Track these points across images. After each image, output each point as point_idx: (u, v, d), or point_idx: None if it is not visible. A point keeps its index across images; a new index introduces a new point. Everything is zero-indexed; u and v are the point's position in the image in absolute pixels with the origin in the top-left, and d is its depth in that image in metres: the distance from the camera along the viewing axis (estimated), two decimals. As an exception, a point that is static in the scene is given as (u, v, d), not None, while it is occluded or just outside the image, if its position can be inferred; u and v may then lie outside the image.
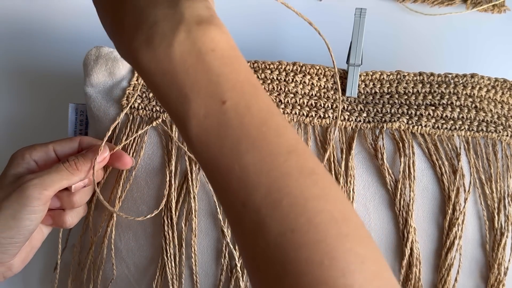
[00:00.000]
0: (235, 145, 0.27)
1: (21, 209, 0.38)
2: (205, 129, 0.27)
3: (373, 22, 0.56)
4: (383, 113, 0.48)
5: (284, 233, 0.25)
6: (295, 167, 0.27)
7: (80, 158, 0.42)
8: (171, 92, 0.28)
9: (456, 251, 0.45)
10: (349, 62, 0.50)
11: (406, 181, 0.45)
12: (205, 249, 0.46)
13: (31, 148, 0.43)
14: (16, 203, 0.38)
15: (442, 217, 0.45)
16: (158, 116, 0.47)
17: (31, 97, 0.61)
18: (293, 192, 0.26)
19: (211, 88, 0.27)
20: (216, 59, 0.28)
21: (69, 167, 0.41)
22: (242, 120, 0.27)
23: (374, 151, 0.46)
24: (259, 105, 0.28)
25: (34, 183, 0.39)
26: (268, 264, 0.26)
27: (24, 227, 0.39)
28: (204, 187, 0.46)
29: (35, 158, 0.43)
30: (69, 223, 0.44)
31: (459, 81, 0.49)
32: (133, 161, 0.47)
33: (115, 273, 0.47)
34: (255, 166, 0.27)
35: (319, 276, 0.24)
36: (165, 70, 0.28)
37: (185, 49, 0.27)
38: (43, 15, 0.63)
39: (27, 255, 0.43)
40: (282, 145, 0.27)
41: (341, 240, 0.25)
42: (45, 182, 0.39)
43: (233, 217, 0.28)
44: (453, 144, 0.47)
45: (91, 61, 0.49)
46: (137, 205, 0.47)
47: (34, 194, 0.39)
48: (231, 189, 0.27)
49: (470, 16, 0.64)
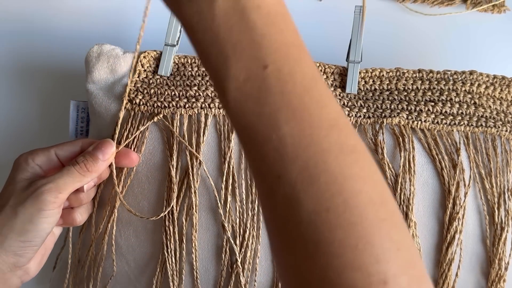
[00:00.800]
0: (274, 113, 0.26)
1: (38, 213, 0.39)
2: (244, 93, 0.26)
3: (373, 22, 0.57)
4: (383, 109, 0.48)
5: (319, 212, 0.24)
6: (336, 143, 0.25)
7: (88, 159, 0.43)
8: (212, 51, 0.26)
9: (457, 246, 0.45)
10: (349, 59, 0.50)
11: (406, 176, 0.45)
12: (205, 244, 0.46)
13: (33, 153, 0.44)
14: (32, 208, 0.39)
15: (442, 211, 0.45)
16: (159, 111, 0.48)
17: (33, 95, 0.62)
18: (331, 169, 0.25)
19: (254, 50, 0.26)
20: (261, 18, 0.26)
21: (80, 169, 0.42)
22: (284, 88, 0.26)
23: (374, 146, 0.46)
24: (303, 72, 0.26)
25: (49, 187, 0.40)
26: (299, 241, 0.25)
27: (41, 230, 0.40)
28: (204, 182, 0.46)
29: (38, 163, 0.43)
30: (79, 220, 0.45)
31: (458, 77, 0.50)
32: (139, 157, 0.47)
33: (115, 269, 0.47)
34: (293, 138, 0.25)
35: (352, 260, 0.24)
36: (207, 26, 0.26)
37: (229, 5, 0.26)
38: (44, 13, 0.64)
39: (42, 258, 0.44)
40: (324, 118, 0.26)
41: (377, 224, 0.24)
42: (59, 186, 0.40)
43: (265, 189, 0.27)
44: (453, 139, 0.47)
45: (93, 58, 0.50)
46: (138, 200, 0.47)
47: (50, 198, 0.39)
48: (267, 159, 0.26)
49: (470, 16, 0.64)
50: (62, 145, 0.45)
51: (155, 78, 0.50)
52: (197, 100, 0.48)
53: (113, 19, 0.63)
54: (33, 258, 0.42)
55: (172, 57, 0.51)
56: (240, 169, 0.46)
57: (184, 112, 0.47)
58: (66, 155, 0.45)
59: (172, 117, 0.48)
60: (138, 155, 0.47)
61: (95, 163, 0.43)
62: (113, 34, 0.63)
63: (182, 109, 0.48)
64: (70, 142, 0.46)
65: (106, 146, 0.44)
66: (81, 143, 0.46)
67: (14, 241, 0.39)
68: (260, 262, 0.46)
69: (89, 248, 0.48)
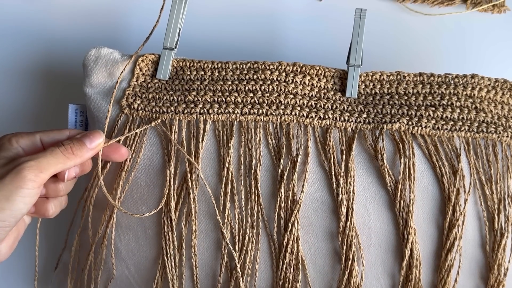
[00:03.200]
0: None
1: (16, 191, 0.37)
2: None
3: (373, 22, 0.56)
4: (383, 114, 0.48)
5: None
6: None
7: (75, 143, 0.41)
8: None
9: (456, 252, 0.45)
10: (349, 62, 0.50)
11: (406, 182, 0.45)
12: (205, 250, 0.46)
13: (17, 135, 0.42)
14: (11, 184, 0.37)
15: (442, 218, 0.45)
16: (157, 116, 0.47)
17: (31, 98, 0.61)
18: None
19: None
20: None
21: (65, 151, 0.40)
22: None
23: (374, 152, 0.46)
24: None
25: (30, 164, 0.38)
26: None
27: (17, 210, 0.38)
28: (203, 188, 0.46)
29: (22, 145, 0.42)
30: (51, 212, 0.43)
31: (459, 81, 0.49)
32: (129, 151, 0.46)
33: (114, 272, 0.47)
34: None
35: None
36: None
37: None
38: (42, 15, 0.63)
39: (14, 241, 0.42)
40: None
41: None
42: (41, 165, 0.38)
43: None
44: (453, 145, 0.47)
45: (90, 62, 0.49)
46: (137, 206, 0.47)
47: (30, 176, 0.37)
48: None
49: (470, 16, 0.64)
50: (48, 132, 0.43)
51: (154, 82, 0.50)
52: (196, 105, 0.48)
53: (112, 22, 0.63)
54: (4, 240, 0.40)
55: (170, 61, 0.50)
56: (239, 175, 0.46)
57: (182, 118, 0.47)
58: (51, 142, 0.43)
59: (170, 123, 0.47)
60: (128, 150, 0.46)
61: (81, 147, 0.41)
62: (111, 37, 0.62)
63: (181, 114, 0.47)
64: (57, 130, 0.44)
65: (95, 135, 0.43)
66: (69, 133, 0.44)
67: None
68: (259, 267, 0.46)
69: (89, 252, 0.48)
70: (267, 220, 0.46)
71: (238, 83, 0.49)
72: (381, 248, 0.45)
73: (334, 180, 0.45)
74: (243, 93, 0.48)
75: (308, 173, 0.46)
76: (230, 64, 0.50)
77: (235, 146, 0.47)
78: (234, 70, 0.50)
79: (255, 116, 0.47)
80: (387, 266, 0.46)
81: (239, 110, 0.47)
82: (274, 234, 0.46)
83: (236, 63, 0.50)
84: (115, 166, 0.47)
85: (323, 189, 0.46)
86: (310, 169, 0.46)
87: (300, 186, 0.45)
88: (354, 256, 0.45)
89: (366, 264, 0.45)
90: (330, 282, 0.46)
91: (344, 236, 0.45)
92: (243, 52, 0.62)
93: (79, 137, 0.42)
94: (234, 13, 0.64)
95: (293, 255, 0.45)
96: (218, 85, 0.49)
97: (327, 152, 0.46)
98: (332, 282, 0.46)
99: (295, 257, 0.45)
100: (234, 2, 0.65)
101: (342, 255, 0.45)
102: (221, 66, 0.50)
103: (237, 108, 0.47)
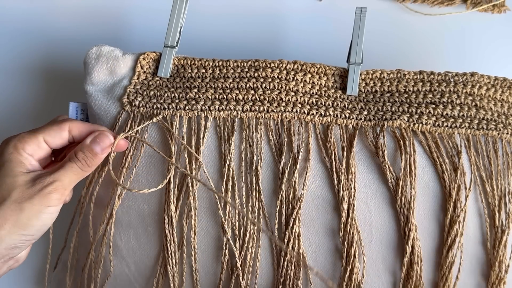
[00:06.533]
0: None
1: (44, 210, 0.40)
2: None
3: (373, 22, 0.56)
4: (383, 111, 0.48)
5: None
6: None
7: (88, 155, 0.43)
8: None
9: (457, 249, 0.45)
10: (350, 60, 0.50)
11: (407, 179, 0.45)
12: (205, 247, 0.46)
13: (22, 140, 0.42)
14: (40, 204, 0.40)
15: (443, 214, 0.45)
16: (158, 113, 0.47)
17: (32, 96, 0.61)
18: None
19: None
20: None
21: (82, 166, 0.43)
22: None
23: (375, 149, 0.46)
24: None
25: (56, 186, 0.41)
26: None
27: (44, 225, 0.41)
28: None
29: (30, 152, 0.42)
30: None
31: (459, 79, 0.50)
32: (127, 143, 0.47)
33: (112, 269, 0.47)
34: None
35: None
36: None
37: None
38: (43, 14, 0.63)
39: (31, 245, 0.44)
40: None
41: None
42: (64, 184, 0.41)
43: None
44: (454, 142, 0.47)
45: (92, 60, 0.50)
46: (138, 203, 0.47)
47: (57, 196, 0.41)
48: None
49: (470, 16, 0.64)
50: (48, 130, 0.44)
51: (155, 80, 0.50)
52: (197, 102, 0.48)
53: (113, 20, 0.63)
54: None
55: (171, 59, 0.50)
56: (240, 172, 0.46)
57: (184, 114, 0.47)
58: (55, 142, 0.44)
59: (171, 119, 0.47)
60: (126, 141, 0.47)
61: (95, 158, 0.44)
62: (112, 35, 0.63)
63: (182, 111, 0.47)
64: (56, 125, 0.44)
65: (103, 140, 0.44)
66: (68, 126, 0.44)
67: (16, 235, 0.39)
68: (260, 265, 0.46)
69: (89, 251, 0.47)
70: (268, 217, 0.46)
71: (239, 80, 0.49)
72: (382, 244, 0.45)
73: (335, 177, 0.45)
74: (244, 91, 0.48)
75: (309, 169, 0.46)
76: (231, 62, 0.50)
77: (236, 143, 0.47)
78: (235, 68, 0.50)
79: (256, 113, 0.47)
80: (388, 263, 0.45)
81: (240, 107, 0.47)
82: (275, 231, 0.46)
83: (237, 61, 0.50)
84: (116, 163, 0.47)
85: (324, 185, 0.46)
86: (311, 166, 0.46)
87: (301, 182, 0.45)
88: (355, 253, 0.44)
89: (367, 261, 0.45)
90: (331, 279, 0.46)
91: (345, 232, 0.45)
92: (244, 51, 0.63)
93: (89, 145, 0.44)
94: (235, 13, 0.65)
95: (294, 252, 0.45)
96: (219, 82, 0.49)
97: (328, 149, 0.46)
98: (333, 279, 0.46)
99: (296, 254, 0.45)
100: (235, 2, 0.65)
101: (343, 252, 0.45)
102: (222, 64, 0.50)
103: (238, 105, 0.48)
